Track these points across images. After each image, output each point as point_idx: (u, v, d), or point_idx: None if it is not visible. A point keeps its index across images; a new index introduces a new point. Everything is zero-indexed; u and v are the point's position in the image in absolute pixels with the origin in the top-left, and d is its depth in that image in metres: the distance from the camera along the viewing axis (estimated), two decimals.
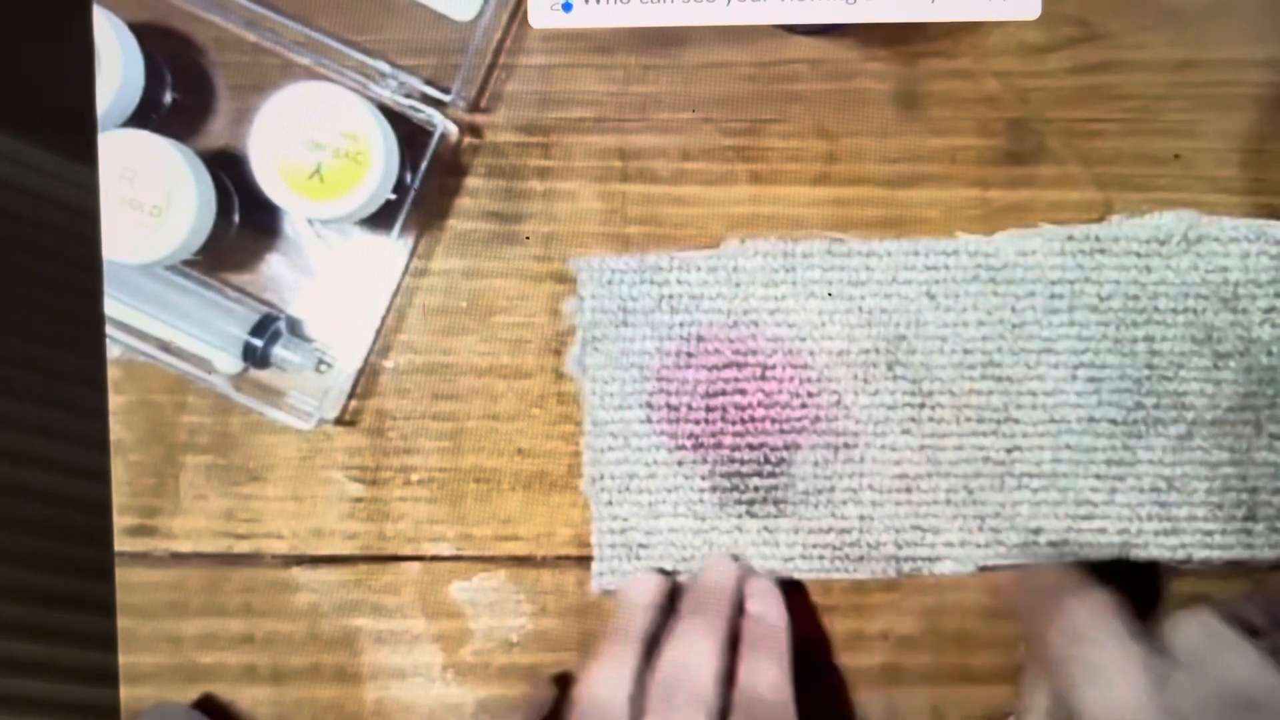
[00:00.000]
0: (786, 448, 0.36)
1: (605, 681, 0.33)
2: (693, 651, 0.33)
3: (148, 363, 0.37)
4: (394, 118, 0.36)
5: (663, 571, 0.36)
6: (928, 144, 0.37)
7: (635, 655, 0.33)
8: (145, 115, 0.36)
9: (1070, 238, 0.36)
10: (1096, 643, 0.30)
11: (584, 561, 0.37)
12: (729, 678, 0.33)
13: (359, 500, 0.37)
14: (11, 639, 0.37)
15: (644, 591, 0.35)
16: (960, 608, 0.37)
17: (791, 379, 0.36)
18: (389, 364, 0.37)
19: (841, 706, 0.37)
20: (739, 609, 0.35)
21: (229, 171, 0.36)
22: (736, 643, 0.34)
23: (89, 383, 0.37)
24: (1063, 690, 0.30)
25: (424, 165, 0.36)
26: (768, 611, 0.35)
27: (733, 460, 0.36)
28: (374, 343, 0.37)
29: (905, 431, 0.36)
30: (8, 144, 0.36)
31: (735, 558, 0.36)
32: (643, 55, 0.37)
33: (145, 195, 0.34)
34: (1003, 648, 0.37)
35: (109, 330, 0.36)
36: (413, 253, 0.37)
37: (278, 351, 0.36)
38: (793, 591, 0.36)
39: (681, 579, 0.36)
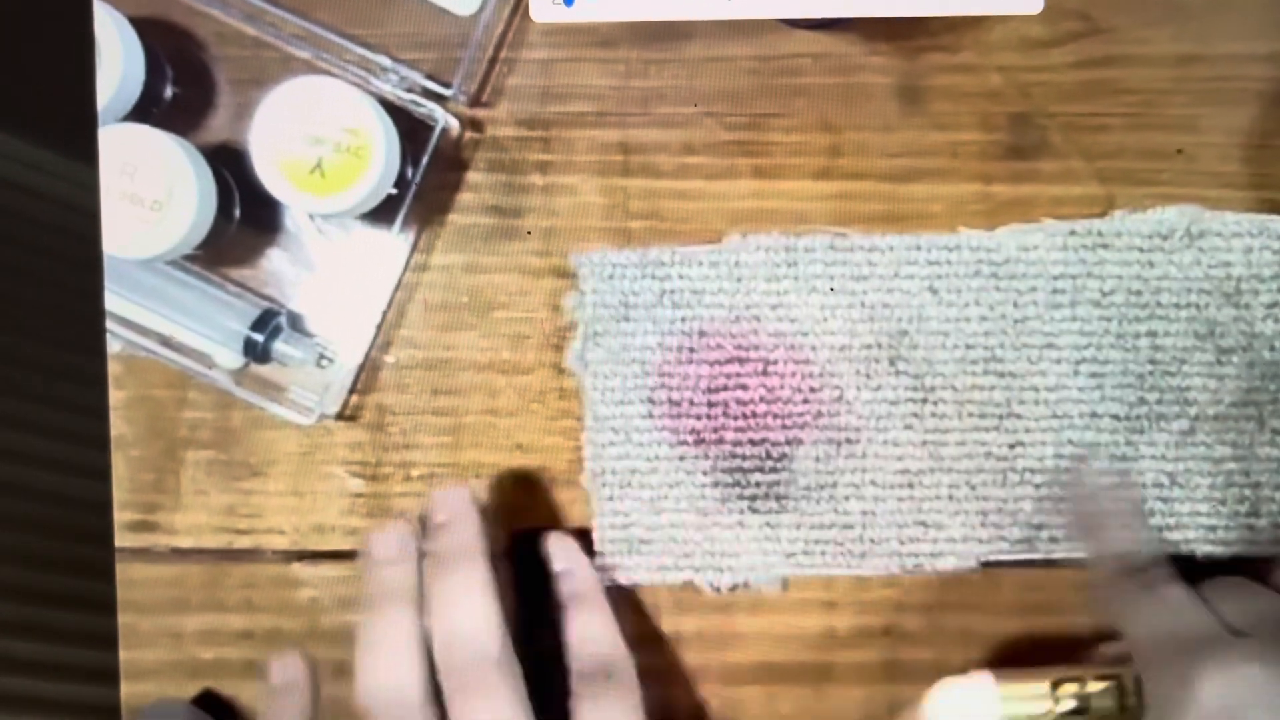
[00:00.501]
0: (789, 443, 0.36)
1: (387, 664, 0.29)
2: (468, 609, 0.29)
3: (148, 358, 0.36)
4: (395, 112, 0.35)
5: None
6: (930, 138, 0.36)
7: (407, 624, 0.29)
8: (146, 110, 0.36)
9: (1073, 233, 0.36)
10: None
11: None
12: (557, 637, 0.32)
13: (360, 496, 0.37)
14: (12, 638, 0.37)
15: (386, 546, 0.32)
16: (963, 604, 0.37)
17: (794, 374, 0.36)
18: (390, 359, 0.37)
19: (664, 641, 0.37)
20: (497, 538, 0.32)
21: (230, 166, 0.36)
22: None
23: (89, 379, 0.37)
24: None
25: (425, 160, 0.36)
26: (574, 566, 0.35)
27: (735, 456, 0.36)
28: (375, 338, 0.37)
29: (908, 427, 0.36)
30: (8, 139, 0.36)
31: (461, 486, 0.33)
32: (644, 49, 0.37)
33: (146, 190, 0.34)
34: (1006, 644, 0.37)
35: (109, 325, 0.36)
36: (414, 248, 0.37)
37: (278, 346, 0.36)
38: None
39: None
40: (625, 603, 0.36)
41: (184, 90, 0.37)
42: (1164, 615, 0.30)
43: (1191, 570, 0.33)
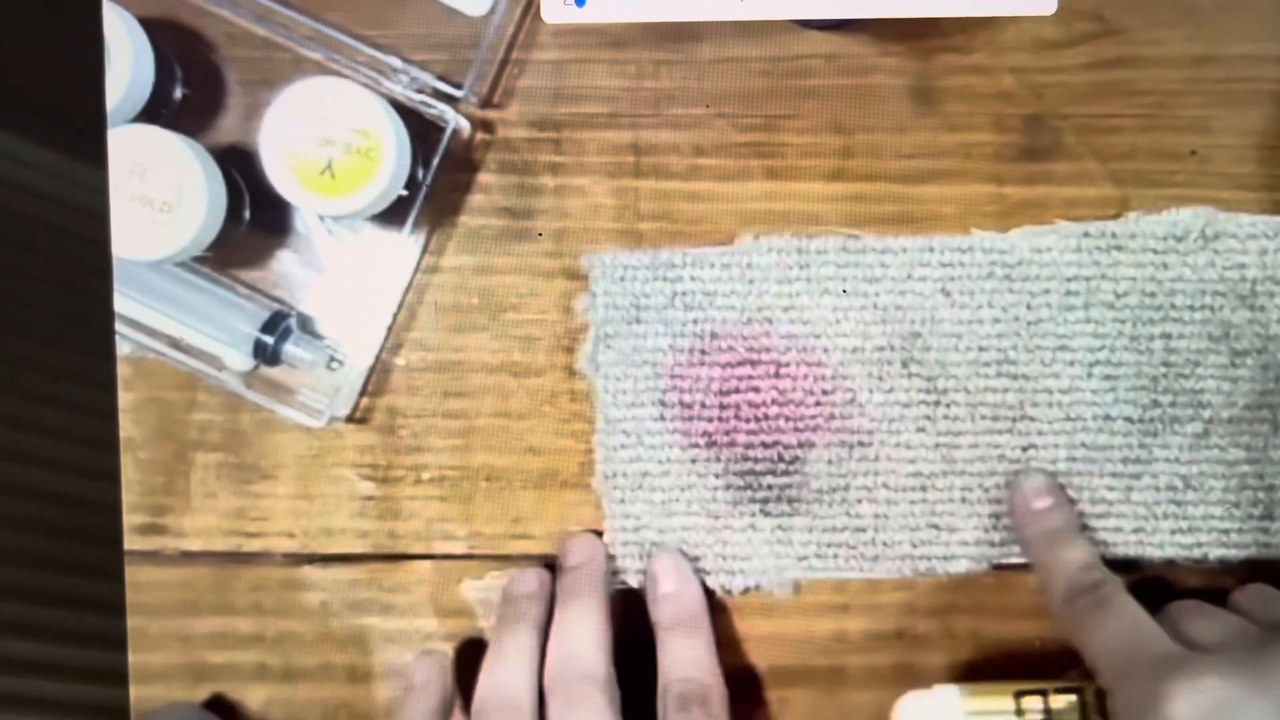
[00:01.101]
0: (801, 446, 0.36)
1: (503, 676, 0.33)
2: (579, 635, 0.33)
3: (158, 360, 0.36)
4: (406, 113, 0.35)
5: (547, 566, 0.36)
6: (943, 140, 0.36)
7: (530, 645, 0.33)
8: (155, 111, 0.35)
9: (1086, 234, 0.36)
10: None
11: None
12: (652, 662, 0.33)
13: (370, 498, 0.37)
14: (21, 639, 0.37)
15: (526, 584, 0.35)
16: (975, 607, 0.36)
17: (806, 376, 0.36)
18: (400, 361, 0.37)
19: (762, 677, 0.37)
20: (610, 580, 0.36)
21: (240, 167, 0.36)
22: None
23: (98, 381, 0.37)
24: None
25: (436, 161, 0.36)
26: (681, 590, 0.35)
27: (746, 458, 0.36)
28: (385, 340, 0.37)
29: (920, 429, 0.36)
30: (17, 140, 0.36)
31: (598, 534, 0.36)
32: (656, 50, 0.36)
33: (155, 191, 0.33)
34: (1017, 647, 0.37)
35: (119, 327, 0.36)
36: (424, 249, 0.37)
37: (289, 349, 0.36)
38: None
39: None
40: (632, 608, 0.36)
41: (194, 91, 0.37)
42: (1123, 634, 0.30)
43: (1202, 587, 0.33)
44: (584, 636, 0.33)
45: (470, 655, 0.36)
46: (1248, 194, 0.36)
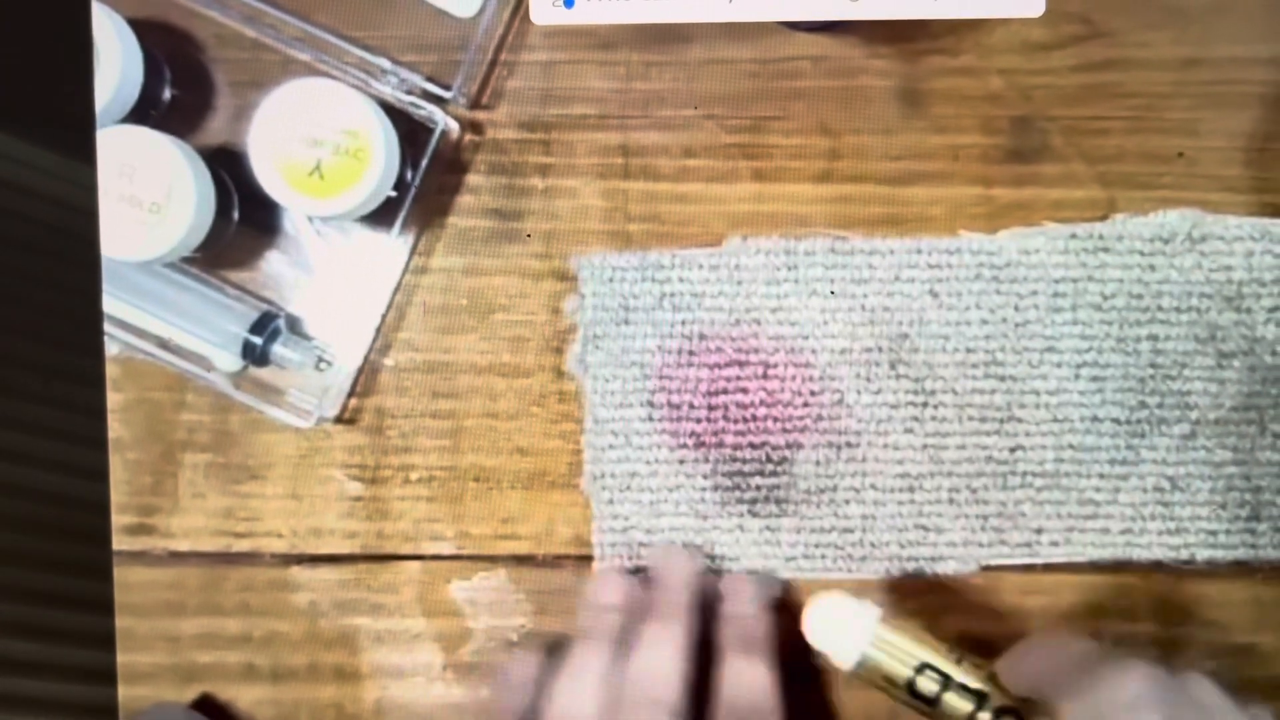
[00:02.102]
0: (789, 446, 0.36)
1: (572, 691, 0.32)
2: (657, 658, 0.32)
3: (146, 360, 0.36)
4: (395, 114, 0.35)
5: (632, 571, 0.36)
6: (931, 141, 0.36)
7: (602, 662, 0.33)
8: (144, 112, 0.36)
9: (1074, 236, 0.36)
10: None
11: (584, 561, 0.37)
12: (705, 681, 0.33)
13: (358, 499, 0.37)
14: (10, 638, 0.37)
15: (607, 593, 0.35)
16: (963, 608, 0.36)
17: (794, 377, 0.36)
18: (389, 362, 0.37)
19: (825, 709, 0.37)
20: (704, 604, 0.35)
21: (228, 168, 0.36)
22: (710, 644, 0.34)
23: (87, 380, 0.37)
24: None
25: (425, 162, 0.36)
26: (745, 610, 0.35)
27: (735, 459, 0.36)
28: (374, 341, 0.37)
29: (908, 430, 0.36)
30: (6, 140, 0.36)
31: (690, 549, 0.36)
32: (645, 52, 0.37)
33: (144, 192, 0.33)
34: (1004, 648, 0.36)
35: (107, 328, 0.36)
36: (413, 250, 0.37)
37: (277, 349, 0.36)
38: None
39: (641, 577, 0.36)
40: None
41: (183, 92, 0.37)
42: None
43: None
44: (665, 660, 0.32)
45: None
46: (1235, 196, 0.36)
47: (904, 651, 0.32)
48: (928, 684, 0.32)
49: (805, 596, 0.36)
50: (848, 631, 0.32)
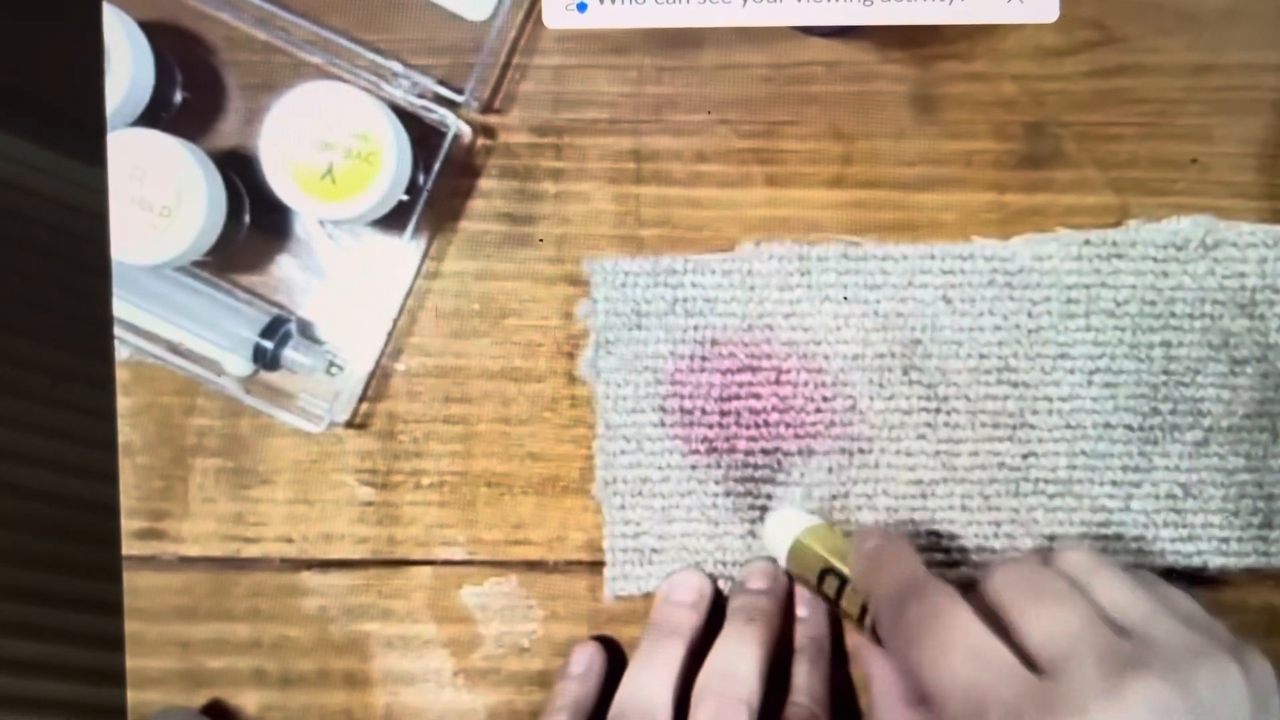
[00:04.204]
0: (801, 453, 0.36)
1: (645, 683, 0.33)
2: (741, 658, 0.33)
3: (156, 365, 0.36)
4: (407, 118, 0.35)
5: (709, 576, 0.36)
6: (944, 147, 0.36)
7: (676, 657, 0.33)
8: (155, 114, 0.35)
9: (1087, 242, 0.36)
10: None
11: (596, 567, 0.37)
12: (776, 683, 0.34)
13: (369, 504, 0.37)
14: (19, 639, 0.37)
15: (686, 591, 0.35)
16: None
17: (806, 383, 0.36)
18: (400, 367, 0.37)
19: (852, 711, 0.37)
20: (790, 616, 0.36)
21: (240, 171, 0.36)
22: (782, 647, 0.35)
23: (97, 384, 0.37)
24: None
25: (437, 166, 0.36)
26: (812, 617, 0.36)
27: (747, 465, 0.36)
28: (385, 345, 0.37)
29: (920, 436, 0.36)
30: (17, 144, 0.36)
31: (774, 561, 0.36)
32: (658, 56, 0.36)
33: (155, 195, 0.33)
34: None
35: (118, 332, 0.36)
36: (425, 254, 0.37)
37: (288, 354, 0.36)
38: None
39: (723, 583, 0.36)
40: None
41: (194, 95, 0.37)
42: (968, 666, 0.27)
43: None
44: (747, 659, 0.33)
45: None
46: (1248, 202, 0.36)
47: (815, 556, 0.34)
48: (829, 585, 0.33)
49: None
50: (779, 535, 0.35)
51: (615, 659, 0.36)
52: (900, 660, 0.29)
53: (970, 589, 0.29)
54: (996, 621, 0.28)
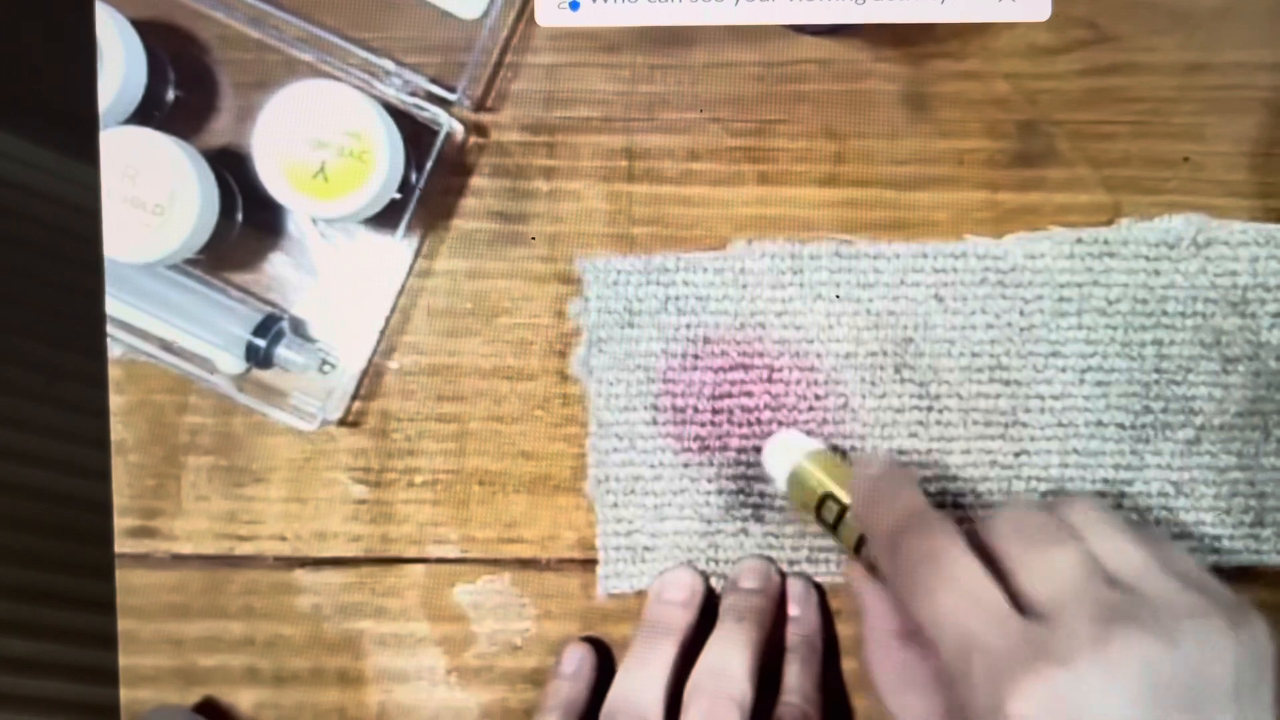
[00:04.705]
0: None
1: (637, 682, 0.33)
2: (733, 657, 0.33)
3: (149, 363, 0.36)
4: (399, 116, 0.35)
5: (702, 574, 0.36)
6: (936, 146, 0.36)
7: (668, 656, 0.33)
8: (148, 113, 0.35)
9: (1079, 241, 0.36)
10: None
11: (589, 565, 0.37)
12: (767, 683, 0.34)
13: (362, 502, 0.37)
14: (12, 637, 0.37)
15: (678, 590, 0.36)
16: None
17: (798, 381, 0.36)
18: (393, 365, 0.37)
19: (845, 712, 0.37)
20: (782, 615, 0.36)
21: (232, 170, 0.36)
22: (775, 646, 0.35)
23: (90, 382, 0.37)
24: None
25: (429, 164, 0.36)
26: (804, 616, 0.36)
27: (739, 463, 0.36)
28: (378, 343, 0.37)
29: (913, 435, 0.36)
30: (9, 141, 0.36)
31: (770, 560, 0.36)
32: (650, 55, 0.36)
33: (148, 194, 0.33)
34: None
35: (110, 330, 0.36)
36: (417, 253, 0.37)
37: (281, 352, 0.36)
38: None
39: (715, 581, 0.36)
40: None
41: (186, 93, 0.37)
42: (961, 608, 0.27)
43: None
44: (739, 658, 0.33)
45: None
46: (1240, 201, 0.36)
47: (816, 481, 0.34)
48: (828, 512, 0.33)
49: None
50: (779, 459, 0.35)
51: (606, 659, 0.37)
52: (895, 594, 0.29)
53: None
54: (994, 565, 0.28)
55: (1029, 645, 0.26)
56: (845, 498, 0.33)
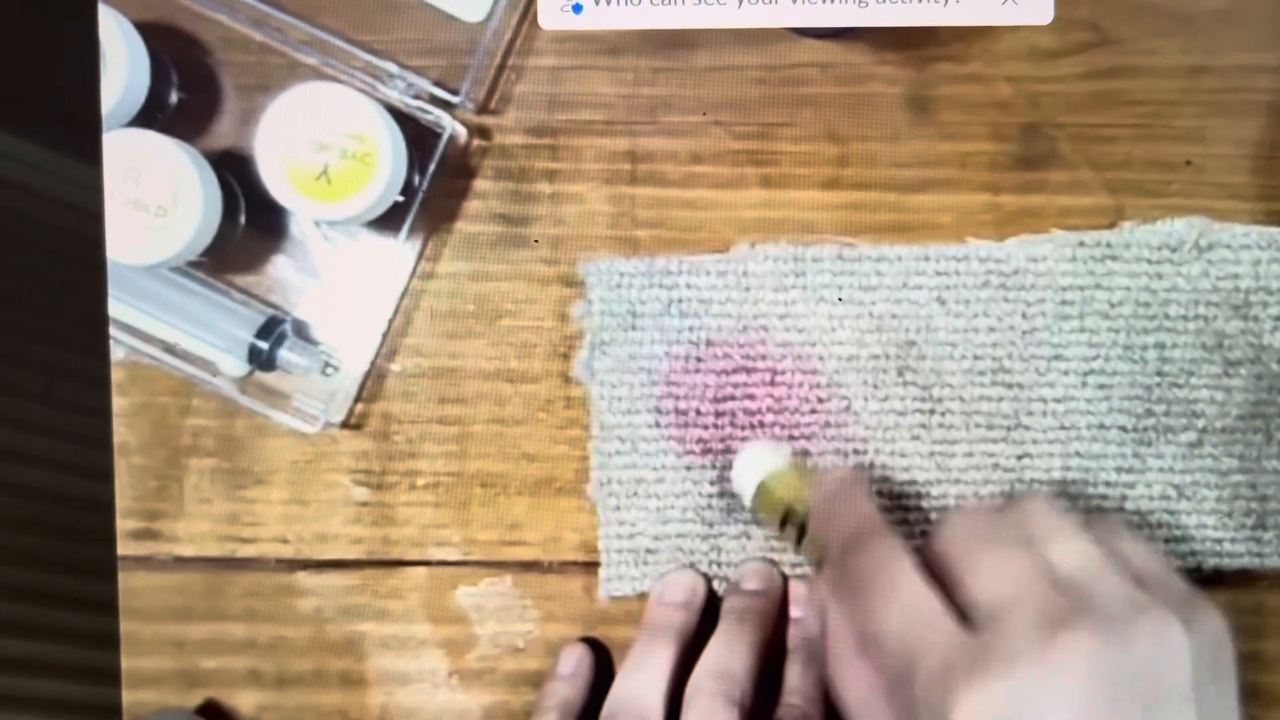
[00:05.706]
0: (795, 454, 0.36)
1: (637, 684, 0.33)
2: (735, 658, 0.33)
3: (152, 365, 0.36)
4: (402, 119, 0.35)
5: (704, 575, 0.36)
6: (939, 149, 0.36)
7: (669, 658, 0.33)
8: (150, 115, 0.35)
9: (1081, 244, 0.36)
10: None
11: (591, 567, 0.37)
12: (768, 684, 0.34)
13: (364, 504, 0.37)
14: (14, 638, 0.37)
15: (679, 592, 0.36)
16: None
17: (801, 384, 0.36)
18: (395, 367, 0.37)
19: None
20: (784, 617, 0.36)
21: (235, 172, 0.36)
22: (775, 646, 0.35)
23: (93, 384, 0.37)
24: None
25: (432, 167, 0.36)
26: (807, 618, 0.36)
27: None
28: (380, 346, 0.37)
29: (915, 438, 0.36)
30: (12, 143, 0.36)
31: (773, 562, 0.36)
32: (653, 58, 0.36)
33: (150, 196, 0.33)
34: None
35: (113, 332, 0.36)
36: (420, 255, 0.37)
37: (283, 354, 0.36)
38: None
39: (717, 584, 0.36)
40: None
41: (189, 95, 0.37)
42: (904, 622, 0.27)
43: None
44: (739, 659, 0.33)
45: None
46: (1242, 204, 0.36)
47: (778, 500, 0.34)
48: (789, 532, 0.33)
49: None
50: (746, 476, 0.35)
51: (605, 660, 0.37)
52: (845, 609, 0.29)
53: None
54: (945, 571, 0.28)
55: (969, 656, 0.26)
56: (805, 514, 0.33)
